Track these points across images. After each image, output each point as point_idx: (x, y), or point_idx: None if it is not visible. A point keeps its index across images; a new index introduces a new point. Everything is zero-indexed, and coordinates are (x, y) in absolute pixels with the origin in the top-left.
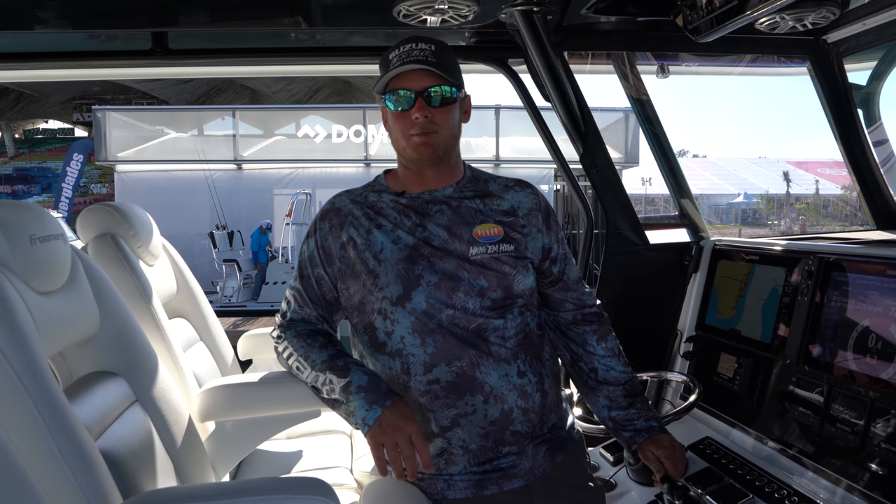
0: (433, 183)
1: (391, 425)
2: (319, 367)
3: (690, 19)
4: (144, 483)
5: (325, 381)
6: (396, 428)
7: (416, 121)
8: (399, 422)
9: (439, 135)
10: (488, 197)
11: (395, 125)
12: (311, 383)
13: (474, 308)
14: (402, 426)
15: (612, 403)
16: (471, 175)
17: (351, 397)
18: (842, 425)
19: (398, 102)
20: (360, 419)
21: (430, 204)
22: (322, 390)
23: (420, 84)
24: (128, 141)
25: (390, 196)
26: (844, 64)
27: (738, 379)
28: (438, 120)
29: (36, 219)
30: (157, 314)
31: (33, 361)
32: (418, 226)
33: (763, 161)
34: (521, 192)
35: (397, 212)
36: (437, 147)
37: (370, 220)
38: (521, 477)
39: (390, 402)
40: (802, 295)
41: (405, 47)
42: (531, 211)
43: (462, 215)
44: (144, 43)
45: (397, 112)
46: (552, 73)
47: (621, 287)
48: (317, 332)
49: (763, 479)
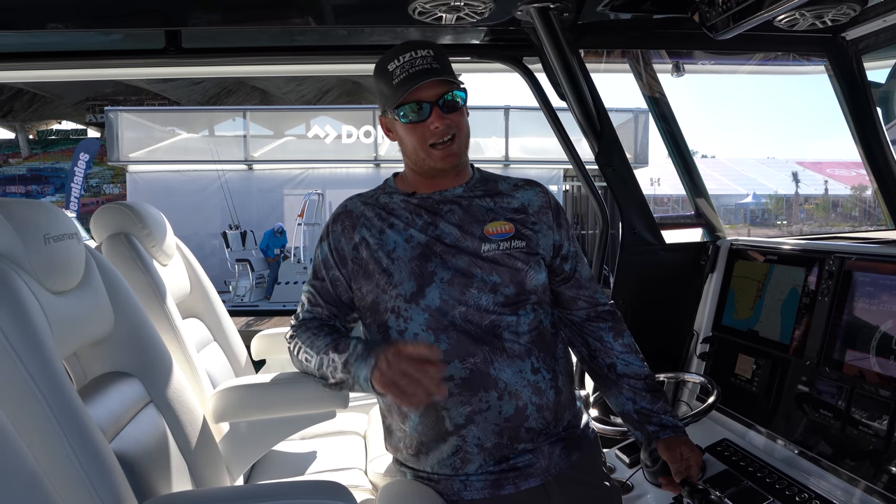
0: (443, 184)
1: (386, 360)
2: (324, 350)
3: (708, 16)
4: (159, 485)
5: (329, 361)
6: (391, 362)
7: (435, 130)
8: (390, 352)
9: (458, 139)
10: (498, 195)
11: (410, 136)
12: (318, 370)
13: (487, 304)
14: (394, 355)
15: (636, 396)
16: (479, 176)
17: (351, 366)
18: (864, 428)
19: (413, 114)
20: (362, 379)
21: (440, 204)
22: (328, 374)
23: (433, 93)
24: (140, 141)
25: (401, 197)
26: (863, 61)
27: (757, 380)
28: (455, 123)
29: (50, 218)
30: (172, 314)
31: (48, 362)
32: (430, 224)
33: (772, 161)
34: (530, 191)
35: (409, 211)
36: (459, 154)
37: (382, 220)
38: (538, 476)
39: (379, 348)
40: (822, 295)
41: (405, 57)
42: (541, 209)
43: (473, 214)
44: (158, 42)
45: (412, 124)
46: (568, 72)
47: (637, 287)
48: (326, 325)
49: (783, 481)
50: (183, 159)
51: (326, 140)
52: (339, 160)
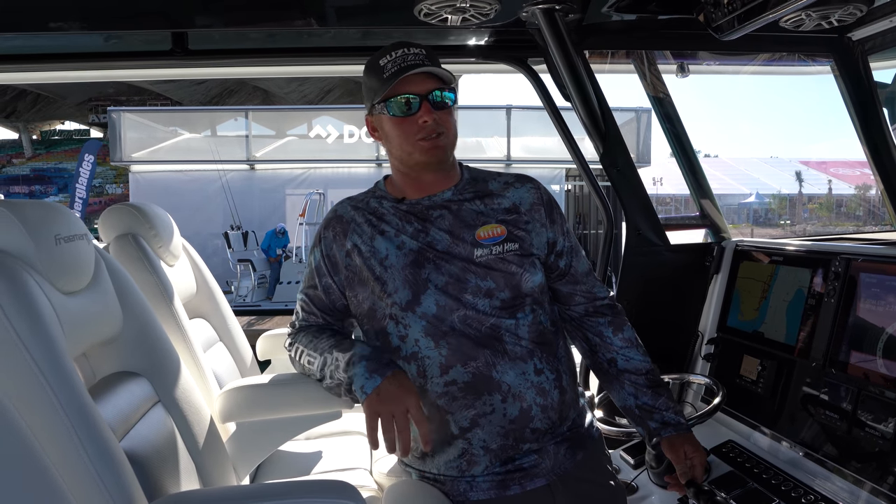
0: (432, 188)
1: (389, 395)
2: (326, 350)
3: (713, 17)
4: (168, 484)
5: (332, 360)
6: (395, 398)
7: (423, 125)
8: (398, 392)
9: (447, 136)
10: (488, 197)
11: (397, 131)
12: (321, 372)
13: (484, 308)
14: (401, 397)
15: (637, 391)
16: (468, 176)
17: (352, 368)
18: (870, 430)
19: (402, 107)
20: (358, 388)
21: (430, 209)
22: (328, 374)
23: (423, 87)
24: (142, 142)
25: (390, 203)
26: (870, 62)
27: (762, 382)
28: (444, 122)
29: (61, 219)
30: (179, 314)
31: (59, 362)
32: (421, 231)
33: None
34: (521, 189)
35: (399, 218)
36: (446, 148)
37: (372, 226)
38: (543, 476)
39: (391, 372)
40: (829, 296)
41: (397, 53)
42: (533, 206)
43: (463, 219)
44: (165, 44)
45: (400, 118)
46: (573, 73)
47: (641, 288)
48: (325, 328)
49: (788, 483)
50: (185, 159)
51: (328, 140)
52: (340, 160)
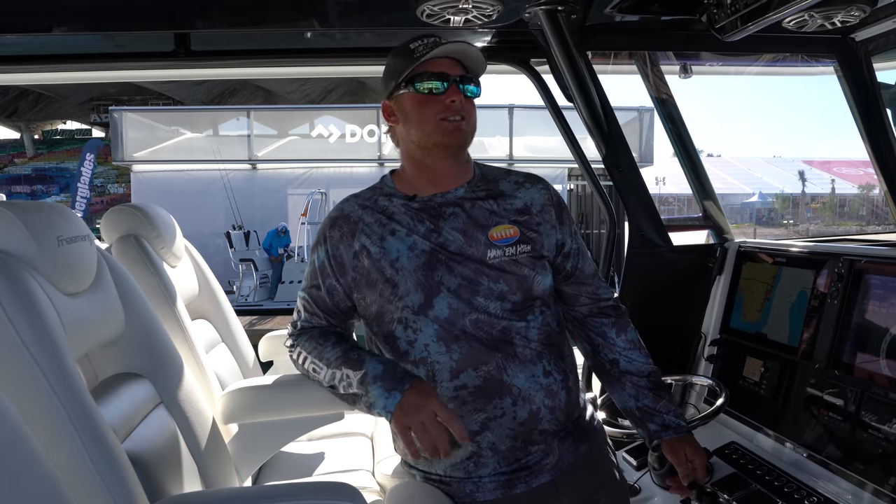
0: (445, 183)
1: (413, 406)
2: (334, 363)
3: (717, 18)
4: (170, 486)
5: (342, 376)
6: (419, 407)
7: (450, 104)
8: (420, 401)
9: (468, 123)
10: (501, 197)
11: (420, 109)
12: (329, 382)
13: (496, 311)
14: (425, 404)
15: (638, 393)
16: (480, 174)
17: (369, 388)
18: (873, 431)
19: (431, 84)
20: (381, 408)
21: (443, 207)
22: (339, 387)
23: (454, 71)
24: (144, 141)
25: (401, 200)
26: (873, 62)
27: (765, 383)
28: (467, 109)
29: (63, 220)
30: (181, 316)
31: (62, 363)
32: (433, 231)
33: (778, 160)
34: (532, 189)
35: (410, 217)
36: (467, 135)
37: (382, 226)
38: (548, 472)
39: (408, 384)
40: (832, 298)
41: (429, 39)
42: (544, 207)
43: (476, 218)
44: (167, 45)
45: (426, 96)
46: (576, 74)
47: (644, 289)
48: (329, 333)
49: (791, 485)
50: (187, 159)
51: (330, 139)
52: (342, 159)
